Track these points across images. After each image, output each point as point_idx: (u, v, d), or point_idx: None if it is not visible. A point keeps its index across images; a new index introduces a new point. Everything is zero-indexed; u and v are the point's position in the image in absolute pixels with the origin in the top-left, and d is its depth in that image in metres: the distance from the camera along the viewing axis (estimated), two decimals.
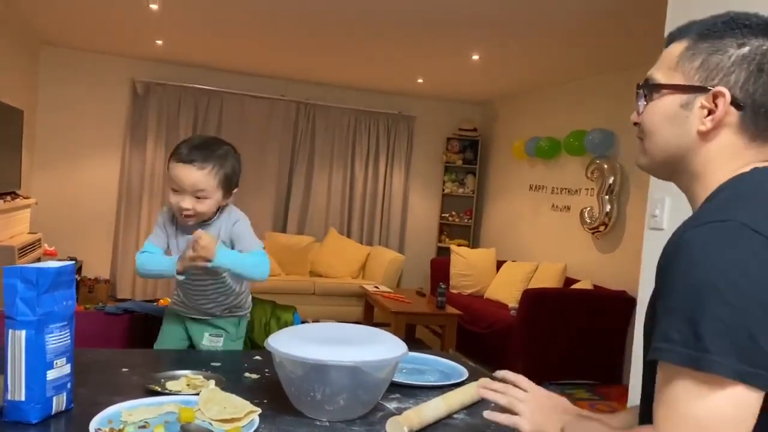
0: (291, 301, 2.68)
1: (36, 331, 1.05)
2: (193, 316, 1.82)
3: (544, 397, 1.03)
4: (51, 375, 1.08)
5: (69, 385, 1.12)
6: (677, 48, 0.92)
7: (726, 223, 0.77)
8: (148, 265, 1.72)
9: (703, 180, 0.91)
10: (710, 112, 0.87)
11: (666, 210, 2.61)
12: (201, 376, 1.34)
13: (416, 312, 4.93)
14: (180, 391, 1.27)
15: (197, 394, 1.20)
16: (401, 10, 4.12)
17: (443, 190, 7.44)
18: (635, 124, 0.98)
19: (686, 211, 0.95)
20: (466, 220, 7.42)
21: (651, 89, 0.94)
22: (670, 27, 2.47)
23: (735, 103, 0.86)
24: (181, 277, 1.68)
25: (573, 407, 1.01)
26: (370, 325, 1.36)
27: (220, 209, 1.75)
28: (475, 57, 5.23)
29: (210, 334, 1.80)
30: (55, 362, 1.08)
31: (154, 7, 4.50)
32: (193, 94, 6.57)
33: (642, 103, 0.96)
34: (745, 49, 0.86)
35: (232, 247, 1.73)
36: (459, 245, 6.61)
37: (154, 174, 6.49)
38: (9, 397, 1.05)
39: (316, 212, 7.06)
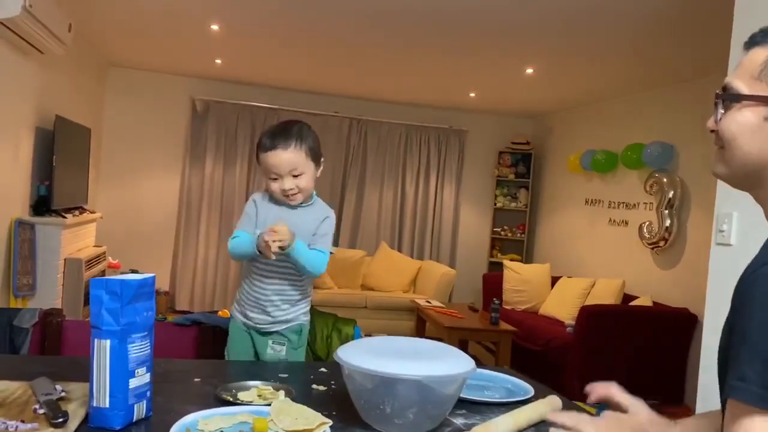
0: (342, 314, 2.70)
1: (119, 340, 1.10)
2: (256, 325, 1.86)
3: (614, 416, 1.01)
4: (133, 383, 1.12)
5: (149, 394, 1.16)
6: (761, 55, 0.88)
7: None
8: (236, 246, 1.83)
9: None
10: None
11: (734, 225, 2.53)
12: (271, 387, 1.37)
13: (469, 327, 4.89)
14: (252, 402, 1.30)
15: (269, 405, 1.22)
16: (455, 24, 4.14)
17: (495, 204, 7.38)
18: (712, 131, 0.95)
19: (757, 226, 0.92)
20: (518, 235, 7.33)
21: (731, 99, 0.90)
22: (737, 35, 2.40)
23: None
24: (258, 253, 1.76)
25: (644, 426, 0.98)
26: None
27: (313, 195, 1.87)
28: (530, 71, 5.20)
29: (273, 342, 1.85)
30: (136, 371, 1.13)
31: (214, 27, 4.66)
32: (250, 112, 6.74)
33: (720, 111, 0.92)
34: None
35: (313, 234, 1.84)
36: (512, 260, 6.53)
37: (213, 189, 6.67)
38: (94, 404, 1.10)
39: (367, 226, 7.11)
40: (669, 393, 4.52)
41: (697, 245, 4.72)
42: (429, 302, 5.67)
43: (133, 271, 6.24)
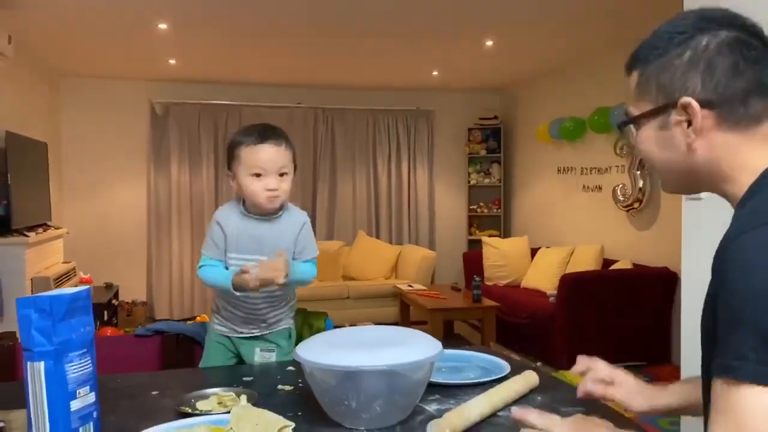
0: (326, 307, 2.63)
1: (55, 361, 1.01)
2: (242, 335, 1.76)
3: (583, 419, 0.97)
4: (75, 405, 1.03)
5: (95, 414, 1.08)
6: (634, 78, 0.94)
7: None
8: (209, 279, 1.72)
9: (730, 180, 0.88)
10: (689, 123, 0.86)
11: None
12: (232, 393, 1.29)
13: (453, 307, 4.86)
14: (211, 411, 1.22)
15: (229, 413, 1.15)
16: (409, 3, 4.05)
17: (469, 182, 7.34)
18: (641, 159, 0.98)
19: None
20: (495, 210, 7.31)
21: (629, 123, 0.96)
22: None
23: (707, 104, 0.84)
24: (238, 293, 1.66)
25: (614, 429, 0.94)
26: (408, 324, 1.30)
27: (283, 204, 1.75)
28: (489, 43, 5.13)
29: (261, 349, 1.75)
30: (78, 392, 1.04)
31: (163, 26, 4.52)
32: (211, 111, 6.59)
33: (629, 140, 0.98)
34: (688, 54, 0.86)
35: (295, 246, 1.75)
36: (490, 236, 6.51)
37: (181, 192, 6.53)
38: None
39: (343, 216, 7.03)
40: (655, 353, 4.53)
41: (671, 204, 4.71)
42: (411, 286, 5.62)
43: (108, 285, 6.11)
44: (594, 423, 0.96)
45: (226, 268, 1.72)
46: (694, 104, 0.85)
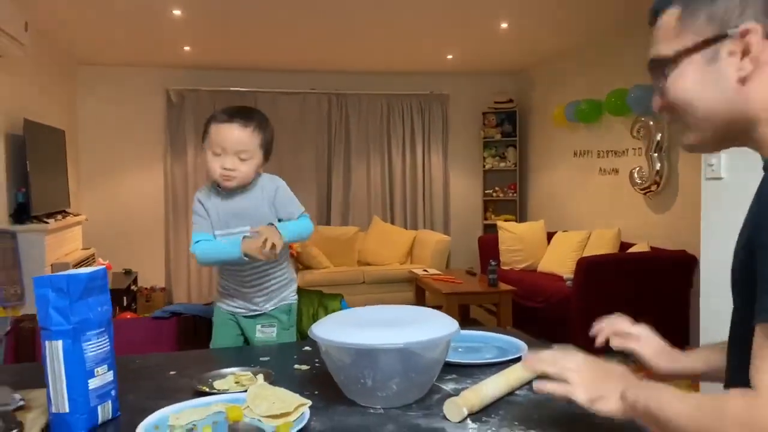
0: (341, 291, 2.64)
1: (73, 340, 1.02)
2: (244, 313, 1.81)
3: (596, 364, 0.95)
4: (93, 384, 1.05)
5: (113, 393, 1.09)
6: (670, 17, 0.88)
7: None
8: (209, 253, 1.74)
9: None
10: (743, 55, 0.80)
11: (723, 158, 2.46)
12: (249, 373, 1.30)
13: (468, 291, 4.84)
14: (228, 390, 1.23)
15: (245, 392, 1.15)
16: None
17: (484, 166, 7.29)
18: (662, 110, 0.91)
19: (745, 157, 0.86)
20: (510, 195, 7.26)
21: (664, 64, 0.87)
22: None
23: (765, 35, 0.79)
24: (246, 258, 1.69)
25: (630, 373, 0.92)
26: None
27: (256, 176, 1.77)
28: (504, 25, 5.07)
29: (262, 326, 1.78)
30: (96, 370, 1.05)
31: (177, 12, 4.52)
32: (226, 97, 6.60)
33: (660, 85, 0.89)
34: None
35: (274, 210, 1.77)
36: (506, 220, 6.47)
37: (197, 179, 6.56)
38: (53, 410, 1.03)
39: (358, 202, 7.03)
40: (673, 336, 4.44)
41: (689, 185, 4.65)
42: (426, 271, 5.61)
43: (127, 271, 6.18)
44: (610, 366, 0.94)
45: None
46: (760, 30, 0.79)
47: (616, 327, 1.17)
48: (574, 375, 0.92)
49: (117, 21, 4.75)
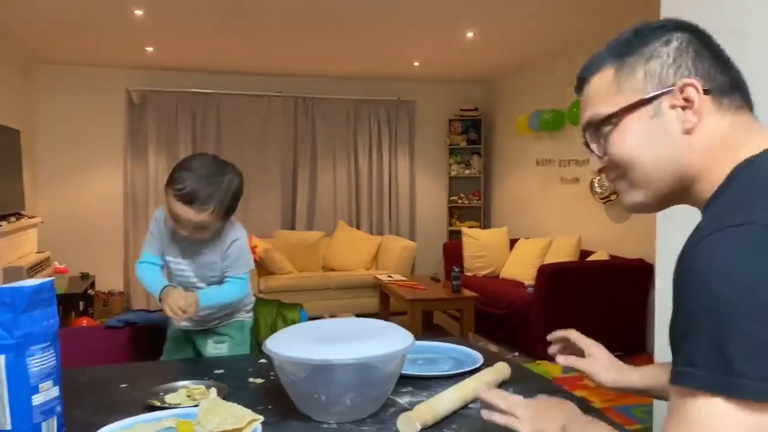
0: (306, 297, 2.63)
1: (16, 354, 0.99)
2: (196, 327, 1.78)
3: (544, 401, 0.97)
4: (37, 399, 1.01)
5: (59, 409, 1.06)
6: (604, 78, 0.88)
7: (745, 227, 0.69)
8: (143, 279, 1.74)
9: (705, 176, 0.83)
10: (684, 108, 0.82)
11: None
12: (202, 386, 1.28)
13: (432, 298, 4.86)
14: (179, 404, 1.21)
15: (197, 406, 1.13)
16: None
17: (450, 173, 7.34)
18: (602, 171, 0.91)
19: None
20: (475, 202, 7.33)
21: (603, 123, 0.87)
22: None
23: (703, 89, 0.82)
24: (163, 305, 1.67)
25: (576, 409, 0.94)
26: (387, 315, 1.30)
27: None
28: (470, 34, 5.12)
29: (214, 341, 1.76)
30: (40, 386, 1.02)
31: (138, 12, 4.44)
32: (189, 99, 6.51)
33: (597, 146, 0.89)
34: (675, 42, 0.84)
35: (223, 261, 1.73)
36: (470, 227, 6.52)
37: (158, 182, 6.44)
38: None
39: (323, 206, 6.99)
40: (632, 343, 4.57)
41: None
42: (391, 277, 5.62)
43: (84, 275, 6.02)
44: (557, 403, 0.96)
45: (162, 267, 1.76)
46: (697, 84, 0.81)
47: (570, 335, 1.21)
48: (521, 410, 0.95)
49: (76, 19, 4.64)
